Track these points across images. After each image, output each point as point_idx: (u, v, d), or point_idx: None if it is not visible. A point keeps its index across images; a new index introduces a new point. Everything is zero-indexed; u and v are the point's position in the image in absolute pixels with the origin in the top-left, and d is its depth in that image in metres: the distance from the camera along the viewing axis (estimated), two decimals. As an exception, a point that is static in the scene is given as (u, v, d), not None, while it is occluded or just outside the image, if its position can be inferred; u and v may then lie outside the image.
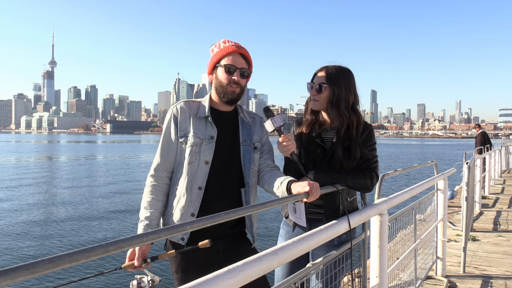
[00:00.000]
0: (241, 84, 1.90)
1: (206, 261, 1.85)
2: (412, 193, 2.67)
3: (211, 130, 1.89)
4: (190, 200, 1.84)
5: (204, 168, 1.85)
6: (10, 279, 0.63)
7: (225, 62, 1.87)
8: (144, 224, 1.82)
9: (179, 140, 1.89)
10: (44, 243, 9.36)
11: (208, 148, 1.86)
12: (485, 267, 4.45)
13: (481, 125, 12.95)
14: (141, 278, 1.70)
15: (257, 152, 1.98)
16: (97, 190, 18.19)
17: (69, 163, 35.32)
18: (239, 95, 1.92)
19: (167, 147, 1.91)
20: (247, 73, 1.91)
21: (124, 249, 0.83)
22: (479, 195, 7.86)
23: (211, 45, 1.96)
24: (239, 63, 1.88)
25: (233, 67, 1.87)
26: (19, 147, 70.32)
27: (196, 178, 1.84)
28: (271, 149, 2.06)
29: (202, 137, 1.87)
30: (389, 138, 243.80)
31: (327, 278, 1.76)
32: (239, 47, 1.90)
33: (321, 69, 2.05)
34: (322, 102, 2.01)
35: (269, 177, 1.90)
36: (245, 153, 1.93)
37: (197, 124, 1.89)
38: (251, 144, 1.96)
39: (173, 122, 1.91)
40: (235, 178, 1.91)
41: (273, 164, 2.01)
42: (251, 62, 1.95)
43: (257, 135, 2.00)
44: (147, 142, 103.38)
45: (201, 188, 1.84)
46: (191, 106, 1.94)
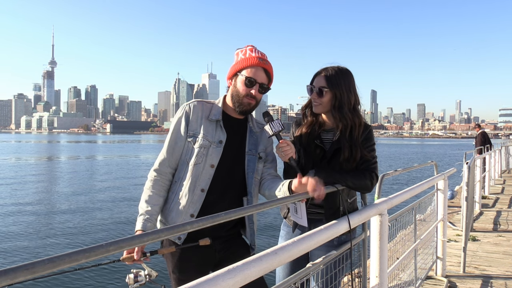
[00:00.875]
0: (257, 98, 1.88)
1: (202, 261, 1.86)
2: (412, 193, 2.67)
3: (221, 135, 1.88)
4: (191, 201, 1.84)
5: (209, 171, 1.85)
6: (10, 279, 0.63)
7: (246, 73, 1.85)
8: (144, 218, 1.80)
9: (187, 139, 1.88)
10: (44, 243, 9.36)
11: (215, 152, 1.86)
12: (485, 267, 4.45)
13: (481, 125, 12.95)
14: (138, 272, 1.68)
15: (261, 162, 1.98)
16: (97, 190, 18.19)
17: (69, 163, 35.32)
18: (253, 108, 1.92)
19: (174, 144, 1.90)
20: (265, 89, 1.89)
21: (124, 249, 0.84)
22: (479, 195, 7.86)
23: (237, 48, 1.94)
24: (261, 77, 1.86)
25: (253, 80, 1.85)
26: (19, 147, 70.31)
27: (200, 180, 1.84)
28: (274, 159, 2.05)
29: (211, 140, 1.86)
30: (389, 138, 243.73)
31: (327, 278, 1.76)
32: (264, 61, 1.87)
33: (321, 71, 2.03)
34: (325, 105, 2.00)
35: (270, 183, 1.90)
36: (249, 162, 1.93)
37: (207, 126, 1.88)
38: (256, 154, 1.96)
39: (184, 119, 1.89)
40: (238, 186, 1.91)
41: (275, 173, 2.01)
42: (272, 78, 1.93)
43: (263, 145, 2.00)
44: (147, 142, 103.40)
45: (204, 190, 1.84)
46: (204, 107, 1.92)
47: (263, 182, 1.96)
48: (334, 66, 2.02)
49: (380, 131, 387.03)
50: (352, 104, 1.99)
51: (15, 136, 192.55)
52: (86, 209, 13.64)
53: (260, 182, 1.98)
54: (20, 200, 15.41)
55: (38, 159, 39.64)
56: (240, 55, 1.90)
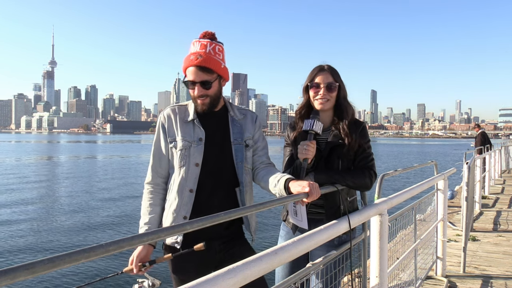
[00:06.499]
0: (208, 94, 1.84)
1: (203, 261, 1.86)
2: (412, 193, 2.67)
3: (199, 132, 1.88)
4: (181, 203, 1.85)
5: (195, 171, 1.85)
6: (10, 279, 0.63)
7: (187, 77, 1.84)
8: (145, 230, 1.85)
9: (169, 146, 1.90)
10: (44, 243, 9.36)
11: (197, 151, 1.86)
12: (485, 267, 4.45)
13: (481, 125, 12.94)
14: (142, 282, 1.75)
15: (250, 149, 1.97)
16: (97, 190, 18.19)
17: (69, 163, 35.30)
18: (212, 103, 1.87)
19: (159, 154, 1.94)
20: (209, 85, 1.82)
21: (124, 249, 0.83)
22: (479, 195, 7.86)
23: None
24: (199, 76, 1.79)
25: (192, 83, 1.82)
26: (19, 147, 70.30)
27: (187, 181, 1.85)
28: (265, 146, 2.04)
29: (191, 140, 1.87)
30: (389, 138, 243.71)
31: (327, 278, 1.76)
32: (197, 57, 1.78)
33: (321, 69, 2.06)
34: (333, 100, 2.06)
35: (264, 174, 1.89)
36: (237, 152, 1.92)
37: (184, 128, 1.89)
38: (243, 142, 1.95)
39: (161, 129, 1.93)
40: (229, 178, 1.91)
41: (268, 161, 2.00)
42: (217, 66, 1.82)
43: (248, 132, 1.98)
44: (147, 142, 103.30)
45: (192, 190, 1.85)
46: (178, 111, 1.94)
47: (257, 172, 1.96)
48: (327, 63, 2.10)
49: (380, 131, 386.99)
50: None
51: (15, 136, 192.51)
52: (86, 209, 13.64)
53: (254, 171, 1.98)
54: (20, 200, 15.40)
55: (38, 159, 39.63)
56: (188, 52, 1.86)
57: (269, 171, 1.89)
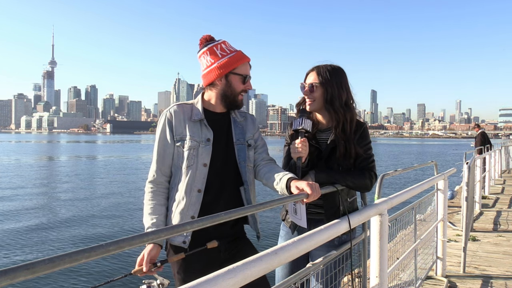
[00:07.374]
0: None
1: (207, 261, 1.85)
2: (412, 193, 2.67)
3: (207, 133, 1.89)
4: (189, 203, 1.84)
5: (203, 171, 1.85)
6: (10, 279, 0.62)
7: (240, 71, 1.90)
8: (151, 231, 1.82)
9: (175, 144, 1.89)
10: (44, 243, 9.36)
11: (205, 151, 1.86)
12: (485, 267, 4.45)
13: (481, 125, 12.95)
14: (150, 282, 1.71)
15: (251, 149, 2.00)
16: (97, 190, 18.18)
17: (69, 163, 35.30)
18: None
19: (163, 152, 1.90)
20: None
21: (124, 249, 0.83)
22: (479, 195, 7.85)
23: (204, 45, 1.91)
24: (249, 70, 1.95)
25: (248, 77, 1.92)
26: (19, 147, 70.30)
27: (195, 181, 1.85)
28: (264, 144, 2.08)
29: (199, 140, 1.87)
30: (389, 138, 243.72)
31: (327, 278, 1.77)
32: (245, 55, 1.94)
33: (312, 69, 2.06)
34: (317, 101, 2.03)
35: (267, 171, 1.91)
36: (239, 152, 1.94)
37: (192, 127, 1.89)
38: (245, 142, 1.98)
39: (167, 126, 1.90)
40: (233, 178, 1.92)
41: (268, 157, 2.03)
42: None
43: (249, 133, 2.02)
44: (147, 142, 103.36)
45: (201, 190, 1.85)
46: (184, 109, 1.93)
47: (259, 169, 1.98)
48: (327, 64, 2.06)
49: (380, 131, 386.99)
50: (344, 100, 2.01)
51: (15, 136, 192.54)
52: (86, 209, 13.64)
53: (255, 169, 2.00)
54: (19, 200, 15.40)
55: (38, 159, 39.62)
56: (218, 52, 1.89)
57: (271, 168, 1.91)
